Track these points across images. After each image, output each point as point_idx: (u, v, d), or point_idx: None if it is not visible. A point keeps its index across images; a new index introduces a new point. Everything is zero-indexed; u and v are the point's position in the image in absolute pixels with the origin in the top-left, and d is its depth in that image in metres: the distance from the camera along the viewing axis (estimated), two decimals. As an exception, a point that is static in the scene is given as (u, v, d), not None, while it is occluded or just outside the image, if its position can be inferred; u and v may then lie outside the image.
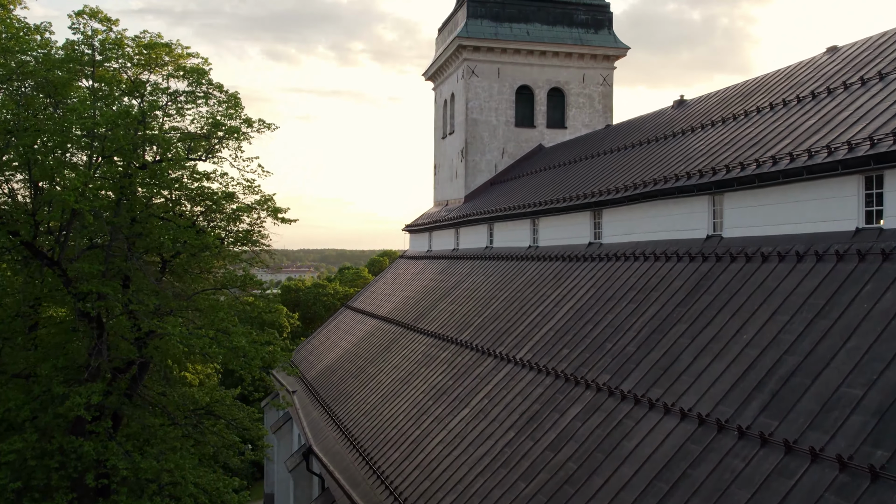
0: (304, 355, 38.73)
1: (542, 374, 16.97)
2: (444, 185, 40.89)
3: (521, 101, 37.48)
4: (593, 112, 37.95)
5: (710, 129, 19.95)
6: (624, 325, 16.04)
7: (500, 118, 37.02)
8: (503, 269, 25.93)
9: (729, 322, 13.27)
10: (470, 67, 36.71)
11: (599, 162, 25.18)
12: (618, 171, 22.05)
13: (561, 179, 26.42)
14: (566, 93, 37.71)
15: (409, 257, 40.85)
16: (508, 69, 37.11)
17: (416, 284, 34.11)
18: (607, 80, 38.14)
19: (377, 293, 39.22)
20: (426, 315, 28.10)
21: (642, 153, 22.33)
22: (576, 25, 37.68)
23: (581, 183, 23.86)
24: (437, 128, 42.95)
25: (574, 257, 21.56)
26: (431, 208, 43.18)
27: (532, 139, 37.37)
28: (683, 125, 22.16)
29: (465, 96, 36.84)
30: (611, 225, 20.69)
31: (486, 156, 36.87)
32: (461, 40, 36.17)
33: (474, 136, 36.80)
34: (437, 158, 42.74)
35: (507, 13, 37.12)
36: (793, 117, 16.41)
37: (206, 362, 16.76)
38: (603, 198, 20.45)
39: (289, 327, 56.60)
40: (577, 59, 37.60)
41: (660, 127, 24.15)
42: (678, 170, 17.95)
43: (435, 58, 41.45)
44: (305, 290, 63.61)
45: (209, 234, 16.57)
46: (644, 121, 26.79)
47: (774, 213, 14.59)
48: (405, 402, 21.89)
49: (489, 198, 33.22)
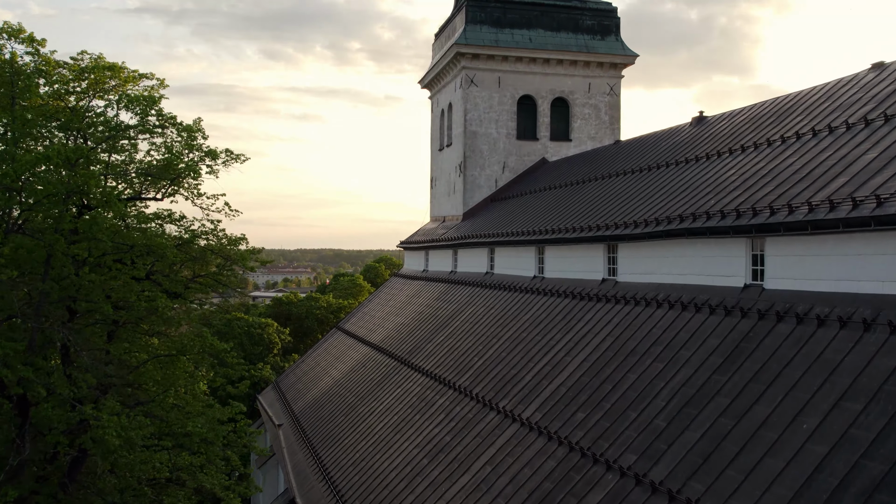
0: (292, 381, 36.50)
1: (554, 443, 14.74)
2: (441, 200, 38.65)
3: (523, 111, 35.27)
4: (599, 124, 35.73)
5: (740, 156, 17.72)
6: (650, 390, 13.81)
7: (500, 130, 34.79)
8: (506, 302, 23.71)
9: (782, 403, 11.04)
10: (469, 76, 34.47)
11: (611, 185, 22.94)
12: (635, 200, 19.81)
13: (569, 203, 24.17)
14: (571, 103, 35.49)
15: (405, 276, 38.61)
16: (510, 78, 34.89)
17: (411, 309, 31.87)
18: (614, 89, 35.93)
19: (370, 315, 36.97)
20: (421, 348, 25.87)
21: (661, 179, 20.09)
22: (581, 31, 35.46)
23: (592, 209, 21.61)
24: (434, 139, 40.70)
25: (586, 295, 19.33)
26: (428, 223, 40.94)
27: (534, 152, 35.14)
28: (707, 148, 19.93)
29: (463, 107, 34.60)
30: (628, 261, 18.46)
31: (485, 170, 34.63)
32: (459, 47, 33.94)
33: (473, 150, 34.56)
34: (434, 171, 40.49)
35: (509, 18, 34.89)
36: (844, 148, 14.18)
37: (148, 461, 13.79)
38: (620, 231, 18.21)
39: (279, 343, 54.35)
40: (583, 67, 35.38)
41: (678, 148, 21.93)
42: (710, 205, 15.71)
43: (431, 65, 39.21)
44: (298, 303, 61.34)
45: (161, 293, 14.30)
46: (658, 139, 24.57)
47: (829, 266, 12.37)
48: (398, 457, 19.64)
49: (489, 217, 30.99)
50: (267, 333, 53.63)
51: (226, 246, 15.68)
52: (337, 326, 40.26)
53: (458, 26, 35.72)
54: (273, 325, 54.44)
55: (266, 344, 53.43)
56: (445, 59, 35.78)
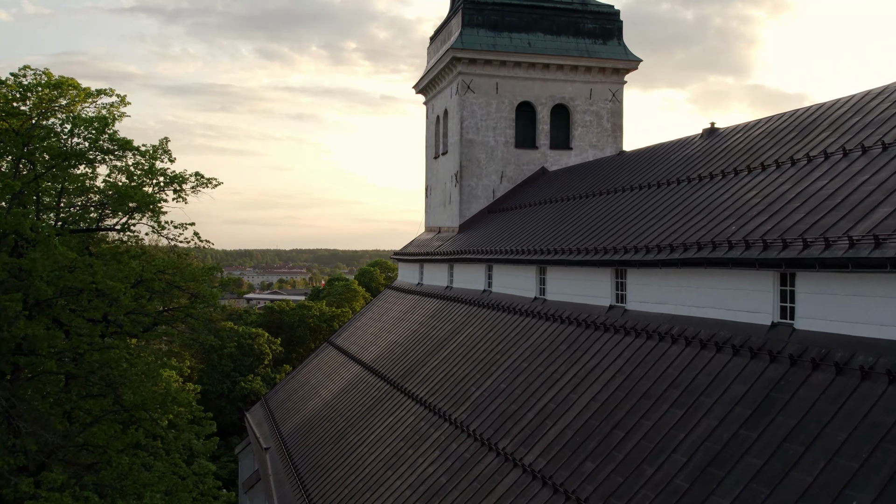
0: (281, 399, 35.05)
1: (561, 496, 13.33)
2: (436, 210, 37.23)
3: (522, 119, 33.86)
4: (601, 131, 34.34)
5: (761, 175, 16.33)
6: (668, 442, 12.40)
7: (498, 138, 33.38)
8: (505, 325, 22.30)
9: (825, 471, 9.64)
10: (465, 82, 33.06)
11: (618, 202, 21.53)
12: (645, 220, 18.40)
13: (572, 219, 22.76)
14: (571, 110, 34.09)
15: (399, 289, 37.16)
16: (508, 84, 33.48)
17: (404, 326, 30.45)
18: (617, 95, 34.54)
19: (363, 330, 35.53)
20: (415, 372, 24.45)
21: (673, 197, 18.69)
22: (582, 35, 34.07)
23: (598, 229, 20.20)
24: (429, 146, 39.28)
25: (592, 324, 17.93)
26: (422, 234, 39.52)
27: (534, 161, 33.74)
28: (723, 164, 18.54)
29: (459, 114, 33.18)
30: (638, 288, 17.05)
31: (482, 180, 33.22)
32: (455, 52, 32.52)
33: (470, 159, 33.15)
34: (429, 180, 39.07)
35: (507, 22, 33.47)
36: (883, 171, 12.79)
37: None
38: (630, 257, 16.81)
39: (270, 354, 52.87)
40: (584, 72, 33.99)
41: (690, 163, 20.54)
42: (731, 232, 14.31)
43: (426, 70, 37.78)
44: (290, 311, 59.86)
45: (120, 338, 12.86)
46: (667, 151, 23.17)
47: (873, 309, 10.98)
48: (390, 497, 18.22)
49: (487, 230, 29.58)
50: (257, 344, 52.17)
51: (191, 279, 14.22)
52: (328, 341, 38.81)
53: (454, 30, 34.31)
54: (264, 335, 52.98)
55: (257, 354, 51.97)
56: (441, 64, 34.37)
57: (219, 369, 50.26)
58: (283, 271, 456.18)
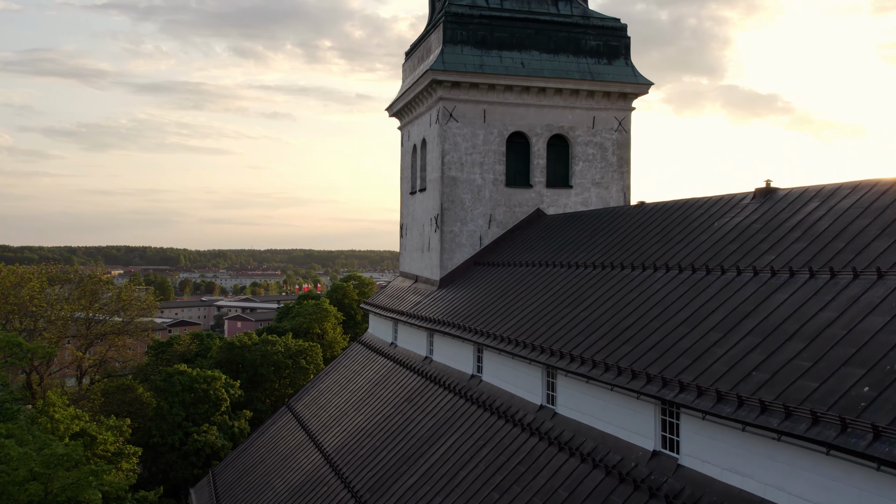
0: (230, 479, 29.75)
1: None
2: (412, 255, 32.08)
3: (514, 152, 28.83)
4: (606, 166, 29.40)
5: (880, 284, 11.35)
6: None
7: (486, 175, 28.30)
8: (502, 439, 17.25)
9: None
10: (447, 109, 27.94)
11: (654, 285, 16.47)
12: (705, 340, 13.35)
13: (590, 305, 17.68)
14: (571, 141, 29.11)
15: (370, 347, 31.96)
16: (497, 111, 28.42)
17: (375, 406, 25.29)
18: (623, 124, 29.61)
19: (327, 397, 30.29)
20: (387, 488, 19.33)
21: (745, 299, 13.65)
22: (584, 54, 29.09)
23: (638, 331, 15.12)
24: (404, 178, 34.11)
25: (625, 473, 12.90)
26: (397, 279, 34.35)
27: (528, 202, 28.71)
28: (802, 253, 13.55)
29: (440, 146, 28.06)
30: (695, 437, 12.03)
31: (467, 225, 28.12)
32: (435, 73, 27.39)
33: (452, 200, 28.04)
34: (405, 218, 33.91)
35: (496, 38, 28.40)
36: None
37: None
38: (689, 400, 11.75)
39: (228, 400, 47.40)
40: (586, 97, 29.02)
41: (749, 237, 15.55)
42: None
43: (401, 91, 32.58)
44: (252, 346, 54.28)
45: None
46: (709, 214, 18.14)
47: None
48: None
49: (474, 292, 24.49)
50: (213, 389, 46.67)
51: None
52: (288, 405, 33.52)
53: (433, 46, 29.19)
54: (221, 378, 47.45)
55: (213, 401, 46.48)
56: (419, 87, 29.22)
57: (169, 419, 44.87)
58: (256, 273, 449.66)
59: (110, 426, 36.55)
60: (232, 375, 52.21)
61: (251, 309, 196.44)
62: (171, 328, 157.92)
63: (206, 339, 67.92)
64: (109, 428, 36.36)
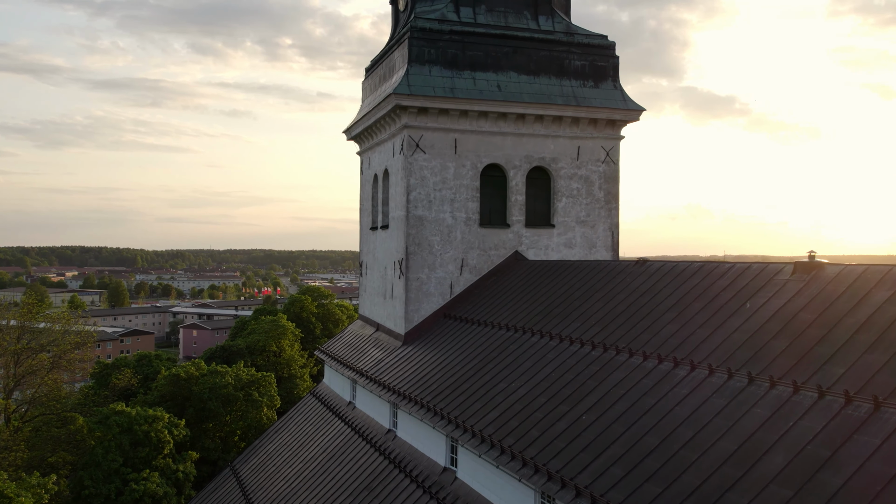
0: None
1: None
2: (374, 299, 28.42)
3: (489, 187, 25.37)
4: (592, 202, 26.07)
5: None
6: None
7: (457, 214, 24.80)
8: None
9: None
10: (413, 138, 24.37)
11: (667, 391, 13.09)
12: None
13: (589, 398, 14.25)
14: (553, 174, 25.74)
15: (326, 404, 28.24)
16: (470, 141, 24.93)
17: (328, 489, 21.63)
18: (611, 154, 26.33)
19: (275, 464, 26.53)
20: None
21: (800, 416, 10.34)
22: (568, 76, 25.73)
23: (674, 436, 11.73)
24: (364, 210, 30.43)
25: None
26: (356, 324, 30.66)
27: (505, 244, 25.26)
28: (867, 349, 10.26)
29: (405, 181, 24.48)
30: None
31: (436, 271, 24.58)
32: (399, 98, 23.80)
33: (419, 243, 24.47)
34: (365, 255, 30.23)
35: (469, 57, 24.90)
36: None
37: None
38: None
39: (171, 442, 43.21)
40: (570, 125, 25.67)
41: (791, 322, 12.25)
42: None
43: (360, 114, 28.87)
44: (199, 378, 50.03)
45: None
46: (737, 287, 14.83)
47: None
48: None
49: (445, 354, 20.96)
50: (155, 430, 42.48)
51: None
52: (232, 467, 29.66)
53: (397, 65, 25.59)
54: (164, 418, 43.25)
55: (154, 444, 42.29)
56: (380, 112, 25.60)
57: (104, 466, 40.64)
58: (215, 275, 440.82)
59: (32, 485, 32.38)
60: (177, 411, 48.00)
61: (208, 316, 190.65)
62: (122, 338, 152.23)
63: (153, 361, 63.58)
64: (31, 487, 32.20)
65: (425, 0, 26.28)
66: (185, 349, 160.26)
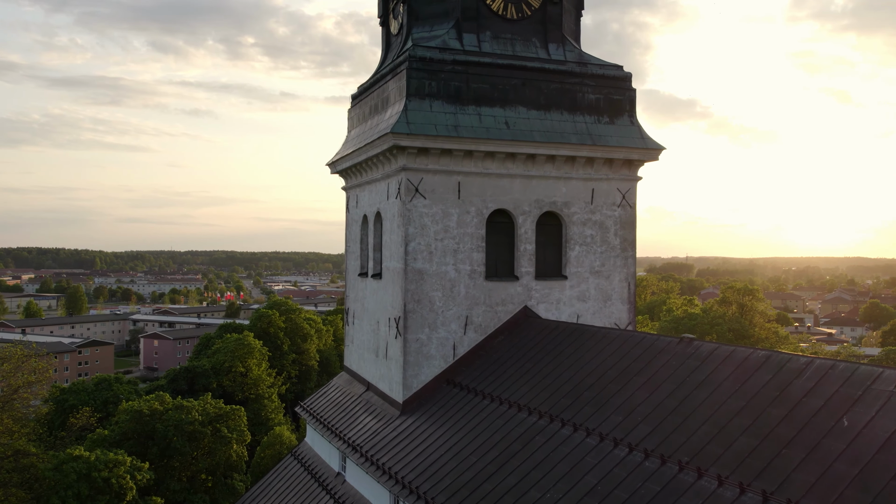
0: None
1: None
2: (363, 354, 25.66)
3: (496, 234, 22.79)
4: (607, 250, 23.65)
5: None
6: None
7: (461, 266, 22.17)
8: None
9: None
10: (412, 182, 21.70)
11: None
12: None
13: None
14: (566, 220, 23.27)
15: (310, 471, 25.41)
16: (475, 184, 22.33)
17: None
18: (627, 197, 23.93)
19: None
20: None
21: None
22: (581, 111, 23.26)
23: None
24: (351, 252, 27.66)
25: None
26: (342, 379, 27.81)
27: (513, 299, 22.71)
28: None
29: (402, 229, 21.79)
30: None
31: (437, 331, 21.93)
32: (398, 138, 21.10)
33: (419, 300, 21.80)
34: (352, 302, 27.45)
35: (474, 90, 22.29)
36: None
37: None
38: None
39: (134, 488, 39.96)
40: (584, 165, 23.22)
41: None
42: None
43: (349, 149, 26.00)
44: (163, 413, 46.74)
45: None
46: (826, 394, 12.43)
47: None
48: None
49: (454, 435, 18.33)
50: (116, 476, 39.22)
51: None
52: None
53: (392, 97, 22.88)
54: (126, 462, 40.00)
55: (115, 492, 39.03)
56: (374, 149, 22.88)
57: (60, 518, 37.37)
58: (176, 278, 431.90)
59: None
60: (140, 450, 44.74)
61: (169, 324, 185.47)
62: (81, 348, 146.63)
63: (113, 385, 60.14)
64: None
65: (422, 24, 23.64)
66: (146, 359, 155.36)
